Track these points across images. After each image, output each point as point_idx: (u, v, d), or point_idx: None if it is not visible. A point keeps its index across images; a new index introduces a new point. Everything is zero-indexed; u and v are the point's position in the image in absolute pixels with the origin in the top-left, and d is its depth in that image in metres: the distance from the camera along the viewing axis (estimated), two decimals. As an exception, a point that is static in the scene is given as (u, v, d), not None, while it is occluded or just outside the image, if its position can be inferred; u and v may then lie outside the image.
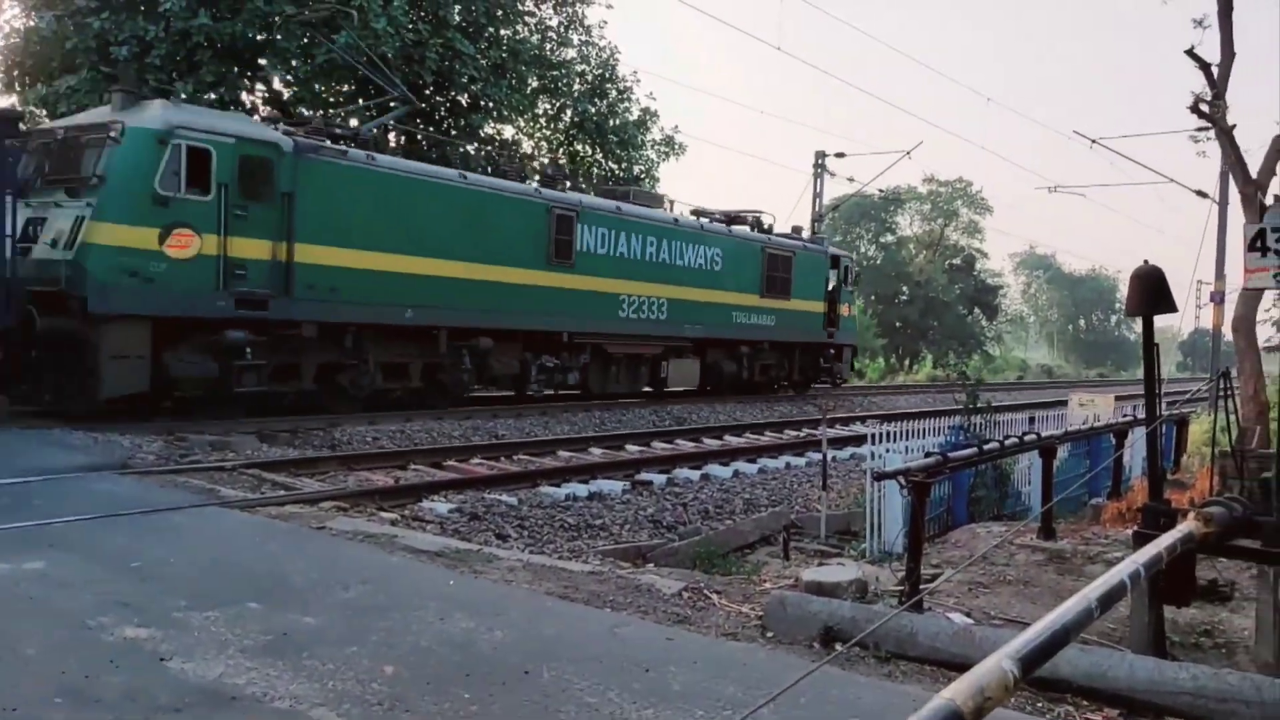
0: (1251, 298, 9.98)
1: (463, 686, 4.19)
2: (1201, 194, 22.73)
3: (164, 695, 3.91)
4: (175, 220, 12.09)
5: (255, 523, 7.50)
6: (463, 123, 25.06)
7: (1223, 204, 22.07)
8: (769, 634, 5.26)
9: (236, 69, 21.39)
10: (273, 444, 12.06)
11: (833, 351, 26.61)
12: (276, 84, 23.13)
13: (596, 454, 13.50)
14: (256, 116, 19.58)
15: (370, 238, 14.48)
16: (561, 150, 30.88)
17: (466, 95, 25.08)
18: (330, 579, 5.80)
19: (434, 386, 16.34)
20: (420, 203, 15.32)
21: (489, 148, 27.24)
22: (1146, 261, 5.15)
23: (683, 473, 12.24)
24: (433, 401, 16.27)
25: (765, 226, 24.20)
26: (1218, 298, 23.12)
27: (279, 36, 21.13)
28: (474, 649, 4.69)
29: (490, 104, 25.29)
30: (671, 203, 22.10)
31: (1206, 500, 4.87)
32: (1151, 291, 5.10)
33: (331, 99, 23.90)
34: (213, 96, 19.88)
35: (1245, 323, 9.97)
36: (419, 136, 24.72)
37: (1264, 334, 11.49)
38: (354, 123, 23.08)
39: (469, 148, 25.00)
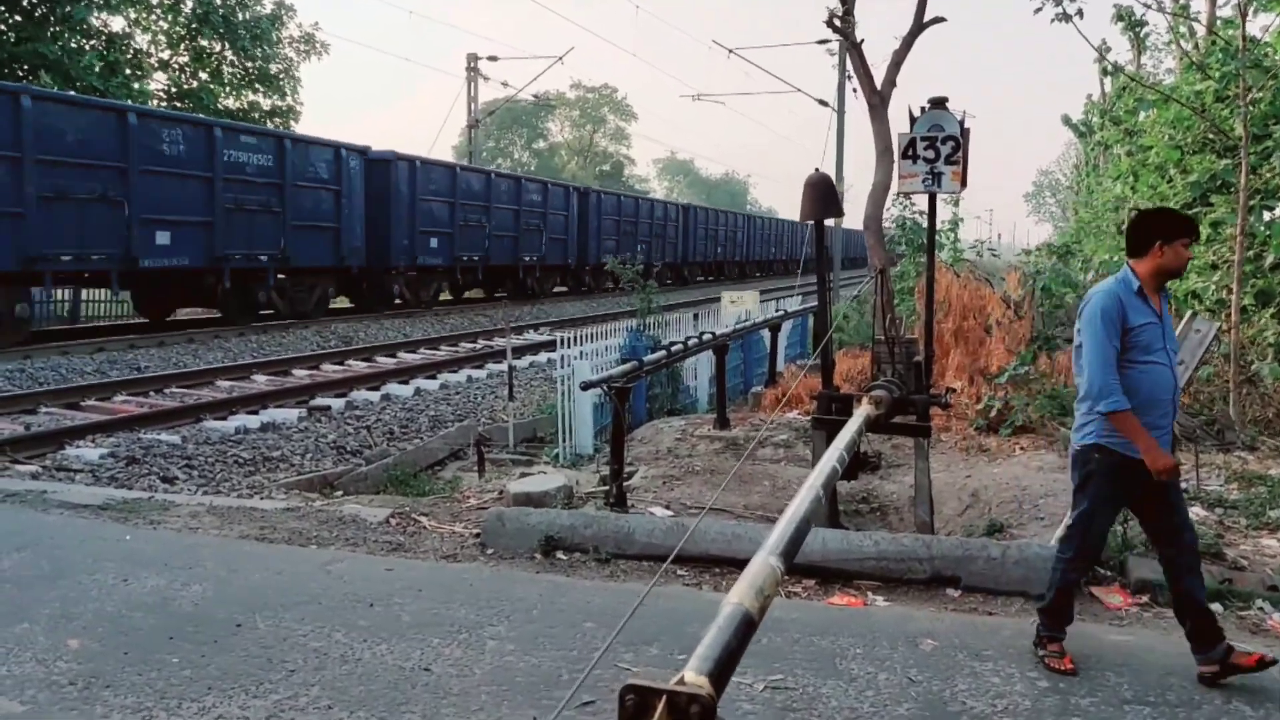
0: (879, 198, 11.12)
1: (168, 651, 3.80)
2: (823, 103, 24.94)
3: None
4: None
5: None
6: (62, 11, 21.59)
7: (840, 113, 24.42)
8: (489, 551, 5.25)
9: None
10: None
11: None
12: None
13: (262, 381, 12.59)
14: None
15: None
16: (184, 46, 27.69)
17: (64, -23, 21.62)
18: (-28, 551, 4.99)
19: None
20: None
21: (93, 42, 23.79)
22: (817, 169, 5.55)
23: (361, 395, 11.74)
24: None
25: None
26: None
27: None
28: (172, 608, 4.26)
29: (93, -12, 22.02)
30: None
31: (870, 385, 5.44)
32: (821, 197, 5.52)
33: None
34: None
35: (874, 221, 11.10)
36: (3, 27, 21.07)
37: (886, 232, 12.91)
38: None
39: (74, 43, 21.67)
